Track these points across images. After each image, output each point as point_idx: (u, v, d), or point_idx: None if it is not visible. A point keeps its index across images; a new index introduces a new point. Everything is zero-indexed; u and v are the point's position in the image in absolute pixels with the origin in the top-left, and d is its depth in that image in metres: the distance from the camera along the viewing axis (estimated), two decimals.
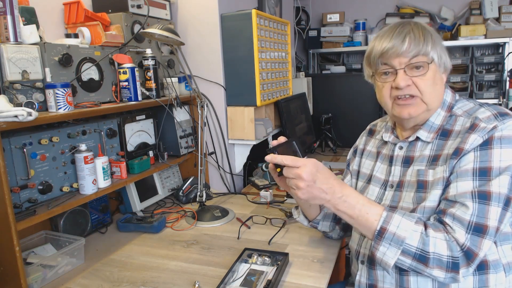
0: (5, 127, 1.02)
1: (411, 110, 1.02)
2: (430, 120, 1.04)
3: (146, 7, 1.68)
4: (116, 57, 1.50)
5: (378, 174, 1.16)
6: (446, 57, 1.02)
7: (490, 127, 0.92)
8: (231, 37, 1.91)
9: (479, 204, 0.88)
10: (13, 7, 1.16)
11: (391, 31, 1.01)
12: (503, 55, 3.12)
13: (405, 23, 1.01)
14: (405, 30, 0.99)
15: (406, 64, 0.99)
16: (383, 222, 0.92)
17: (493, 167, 0.90)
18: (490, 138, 0.91)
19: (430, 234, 0.89)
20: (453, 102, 1.06)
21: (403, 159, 1.09)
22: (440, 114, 1.04)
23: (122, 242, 1.47)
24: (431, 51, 0.98)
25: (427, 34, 0.99)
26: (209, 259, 1.31)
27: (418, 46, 0.98)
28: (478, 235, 0.87)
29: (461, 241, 0.87)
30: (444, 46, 1.03)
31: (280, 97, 2.22)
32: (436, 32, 1.03)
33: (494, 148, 0.91)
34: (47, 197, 1.26)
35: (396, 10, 3.54)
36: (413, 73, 0.99)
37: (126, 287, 1.17)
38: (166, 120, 1.80)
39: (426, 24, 1.03)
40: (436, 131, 1.04)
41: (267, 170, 1.14)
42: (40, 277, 1.18)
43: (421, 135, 1.05)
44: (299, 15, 3.52)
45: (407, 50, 0.98)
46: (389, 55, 1.00)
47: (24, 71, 1.18)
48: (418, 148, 1.06)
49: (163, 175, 1.91)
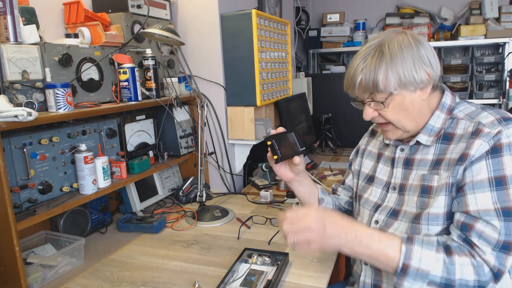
0: (5, 127, 1.02)
1: (389, 135, 1.07)
2: (430, 124, 1.03)
3: (146, 7, 1.68)
4: (116, 57, 1.50)
5: (381, 175, 1.16)
6: (418, 71, 0.96)
7: (494, 132, 0.92)
8: (231, 37, 1.91)
9: (505, 222, 0.88)
10: (13, 7, 1.16)
11: (348, 70, 1.02)
12: (503, 55, 3.12)
13: (366, 54, 0.99)
14: (358, 72, 0.98)
15: (367, 99, 1.01)
16: (404, 258, 0.88)
17: (507, 176, 0.90)
18: (499, 145, 0.91)
19: (455, 261, 0.87)
20: (453, 105, 1.04)
21: (404, 161, 1.09)
22: (439, 116, 1.03)
23: (122, 242, 1.47)
24: (388, 85, 0.96)
25: (380, 68, 0.95)
26: (209, 259, 1.32)
27: (368, 91, 0.99)
28: (505, 253, 0.87)
29: (491, 263, 0.87)
30: (422, 57, 0.97)
31: (280, 97, 2.22)
32: (414, 43, 0.97)
33: (504, 156, 0.90)
34: (47, 197, 1.26)
35: (396, 10, 3.54)
36: (376, 106, 1.01)
37: (126, 287, 1.17)
38: (166, 120, 1.80)
39: (401, 40, 0.98)
40: (437, 134, 1.03)
41: (267, 170, 1.15)
42: (40, 277, 1.19)
43: (420, 139, 1.04)
44: (299, 15, 3.52)
45: (361, 94, 1.02)
46: (349, 92, 1.04)
47: (24, 71, 1.18)
48: (420, 151, 1.06)
49: (163, 175, 1.91)
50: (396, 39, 0.98)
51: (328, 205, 1.28)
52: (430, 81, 0.99)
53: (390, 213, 1.08)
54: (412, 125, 1.03)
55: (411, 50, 0.97)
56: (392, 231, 1.05)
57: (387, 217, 1.08)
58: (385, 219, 1.08)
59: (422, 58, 0.97)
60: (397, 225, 1.05)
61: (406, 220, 1.03)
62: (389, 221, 1.07)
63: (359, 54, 1.01)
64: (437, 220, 0.96)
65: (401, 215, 1.05)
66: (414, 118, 1.02)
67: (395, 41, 0.98)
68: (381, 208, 1.11)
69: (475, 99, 3.19)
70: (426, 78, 0.98)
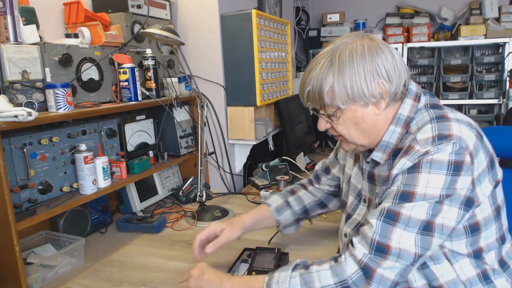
0: (5, 127, 1.02)
1: (344, 145, 1.01)
2: (384, 140, 0.94)
3: (146, 7, 1.68)
4: (116, 57, 1.50)
5: (355, 181, 1.10)
6: (369, 84, 0.87)
7: (422, 151, 0.83)
8: (231, 37, 1.91)
9: (383, 223, 0.83)
10: (13, 7, 1.16)
11: (303, 76, 0.96)
12: (503, 55, 3.12)
13: (316, 62, 0.91)
14: (307, 81, 0.92)
15: (319, 110, 0.95)
16: (267, 284, 0.92)
17: (417, 193, 0.82)
18: (419, 162, 0.83)
19: (312, 270, 0.88)
20: (411, 115, 0.92)
21: (368, 175, 1.03)
22: (394, 131, 0.93)
23: (122, 242, 1.47)
24: (334, 99, 0.89)
25: (326, 80, 0.88)
26: (209, 259, 1.31)
27: (316, 104, 0.93)
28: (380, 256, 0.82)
29: (358, 257, 0.84)
30: (377, 69, 0.87)
31: (280, 97, 2.22)
32: (369, 52, 0.88)
33: (422, 172, 0.83)
34: (47, 197, 1.26)
35: (396, 10, 3.54)
36: (327, 118, 0.95)
37: (126, 287, 1.17)
38: (166, 120, 1.80)
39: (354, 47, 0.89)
40: (390, 152, 0.94)
41: (267, 170, 1.16)
42: (40, 277, 1.18)
43: (375, 157, 0.97)
44: (299, 15, 3.52)
45: (310, 106, 0.96)
46: (302, 102, 0.98)
47: (24, 71, 1.18)
48: (378, 167, 0.99)
49: (163, 175, 1.91)
50: (349, 47, 0.88)
51: (288, 220, 1.26)
52: (384, 96, 0.89)
53: (356, 228, 1.05)
54: (364, 141, 0.95)
55: (362, 60, 0.87)
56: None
57: (353, 231, 1.05)
58: (352, 233, 1.05)
59: (377, 69, 0.87)
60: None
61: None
62: (353, 236, 1.03)
63: (313, 60, 0.93)
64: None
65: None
66: (366, 134, 0.94)
67: (348, 49, 0.88)
68: (351, 221, 1.08)
69: (475, 99, 3.20)
70: (379, 91, 0.88)
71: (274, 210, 1.24)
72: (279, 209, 1.25)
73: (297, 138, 2.33)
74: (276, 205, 1.25)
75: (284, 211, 1.25)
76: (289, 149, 2.18)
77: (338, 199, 1.29)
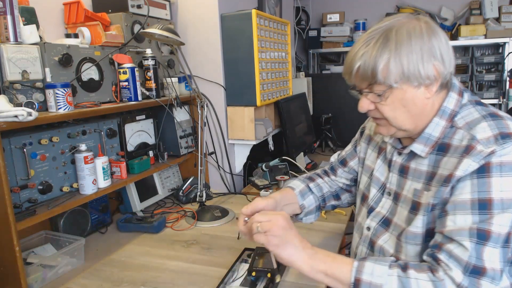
0: (5, 127, 1.02)
1: (382, 130, 0.96)
2: (427, 132, 0.92)
3: (146, 7, 1.68)
4: (116, 57, 1.50)
5: (378, 174, 1.07)
6: (425, 65, 0.85)
7: (487, 151, 0.81)
8: (231, 37, 1.91)
9: (477, 245, 0.80)
10: (13, 7, 1.16)
11: (348, 53, 0.91)
12: (503, 55, 3.12)
13: (370, 37, 0.87)
14: (357, 57, 0.87)
15: (365, 90, 0.91)
16: (356, 272, 0.85)
17: (494, 199, 0.80)
18: (487, 164, 0.81)
19: (411, 276, 0.82)
20: (456, 109, 0.91)
21: (400, 168, 1.00)
22: (438, 124, 0.91)
23: (122, 242, 1.47)
24: (388, 77, 0.85)
25: (382, 56, 0.84)
26: (209, 259, 1.32)
27: (366, 80, 0.88)
28: (476, 277, 0.80)
29: (457, 280, 0.79)
30: (433, 49, 0.86)
31: (280, 97, 2.22)
32: (427, 32, 0.86)
33: (492, 177, 0.80)
34: (47, 197, 1.26)
35: (396, 10, 3.54)
36: (373, 98, 0.90)
37: (126, 287, 1.17)
38: (166, 120, 1.80)
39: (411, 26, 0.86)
40: (433, 145, 0.92)
41: (267, 170, 1.15)
42: (40, 277, 1.18)
43: (415, 149, 0.94)
44: (299, 15, 3.52)
45: (358, 82, 0.91)
46: (347, 79, 0.93)
47: (24, 71, 1.18)
48: (415, 160, 0.96)
49: (163, 175, 1.91)
50: (406, 26, 0.86)
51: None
52: (438, 78, 0.86)
53: (382, 221, 1.02)
54: (410, 125, 0.92)
55: (421, 39, 0.84)
56: (381, 243, 1.00)
57: (378, 225, 1.03)
58: (376, 227, 1.03)
59: (433, 50, 0.85)
60: (387, 237, 0.99)
61: (395, 234, 0.97)
62: (379, 230, 1.02)
63: (362, 37, 0.89)
64: (414, 239, 0.91)
65: (392, 226, 0.99)
66: (413, 118, 0.91)
67: (405, 28, 0.85)
68: (374, 214, 1.05)
69: None
70: (434, 73, 0.86)
71: (299, 194, 1.19)
72: (303, 193, 1.20)
73: (297, 138, 2.33)
74: (299, 189, 1.20)
75: (307, 195, 1.20)
76: (289, 149, 2.18)
77: (350, 194, 1.27)
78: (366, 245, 1.06)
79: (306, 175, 1.29)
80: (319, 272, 0.90)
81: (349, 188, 1.26)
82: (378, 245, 1.01)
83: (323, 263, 0.89)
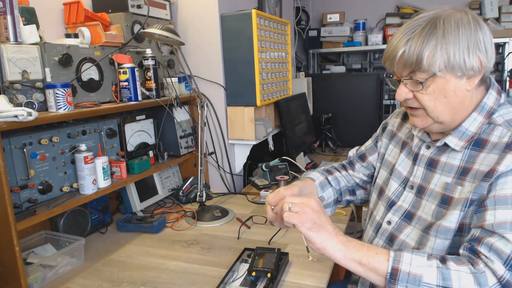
0: (5, 127, 1.02)
1: (417, 121, 0.95)
2: (463, 126, 0.91)
3: (146, 7, 1.68)
4: (116, 57, 1.50)
5: (400, 168, 1.06)
6: (470, 56, 0.85)
7: None
8: (231, 37, 1.91)
9: None
10: (13, 7, 1.16)
11: (390, 40, 0.90)
12: (503, 55, 3.12)
13: (415, 25, 0.87)
14: (402, 43, 0.87)
15: (405, 77, 0.90)
16: (393, 261, 0.82)
17: None
18: None
19: (451, 267, 0.79)
20: (495, 107, 0.91)
21: (428, 161, 0.99)
22: (476, 119, 0.91)
23: (122, 242, 1.47)
24: (433, 64, 0.85)
25: (429, 43, 0.84)
26: (209, 259, 1.32)
27: (409, 67, 0.88)
28: None
29: (499, 273, 0.77)
30: (479, 42, 0.85)
31: (280, 97, 2.22)
32: (474, 24, 0.86)
33: None
34: (47, 197, 1.26)
35: (396, 10, 3.54)
36: (413, 86, 0.90)
37: (126, 287, 1.17)
38: (166, 120, 1.80)
39: (459, 17, 0.86)
40: (468, 140, 0.91)
41: (267, 170, 1.14)
42: (40, 277, 1.18)
43: (450, 142, 0.93)
44: (299, 15, 3.52)
45: (399, 69, 0.90)
46: (387, 66, 0.92)
47: (24, 71, 1.18)
48: (446, 154, 0.95)
49: (163, 175, 1.91)
50: (454, 16, 0.86)
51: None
52: (481, 70, 0.86)
53: (404, 215, 1.01)
54: (448, 117, 0.91)
55: (468, 30, 0.84)
56: (403, 238, 0.99)
57: (400, 219, 1.01)
58: (398, 222, 1.01)
59: (479, 43, 0.85)
60: (410, 231, 0.98)
61: (418, 227, 0.96)
62: (401, 224, 1.00)
63: (406, 25, 0.89)
64: (446, 234, 0.90)
65: (415, 219, 0.98)
66: (452, 109, 0.90)
67: (452, 18, 0.85)
68: (396, 208, 1.03)
69: None
70: (478, 65, 0.85)
71: (319, 185, 1.18)
72: (323, 185, 1.19)
73: (297, 138, 2.33)
74: (319, 181, 1.19)
75: (327, 188, 1.19)
76: (289, 149, 2.18)
77: (364, 191, 1.26)
78: (384, 238, 1.04)
79: (324, 168, 1.27)
80: (352, 260, 0.86)
81: (365, 185, 1.25)
82: (399, 239, 1.00)
83: (358, 251, 0.86)
